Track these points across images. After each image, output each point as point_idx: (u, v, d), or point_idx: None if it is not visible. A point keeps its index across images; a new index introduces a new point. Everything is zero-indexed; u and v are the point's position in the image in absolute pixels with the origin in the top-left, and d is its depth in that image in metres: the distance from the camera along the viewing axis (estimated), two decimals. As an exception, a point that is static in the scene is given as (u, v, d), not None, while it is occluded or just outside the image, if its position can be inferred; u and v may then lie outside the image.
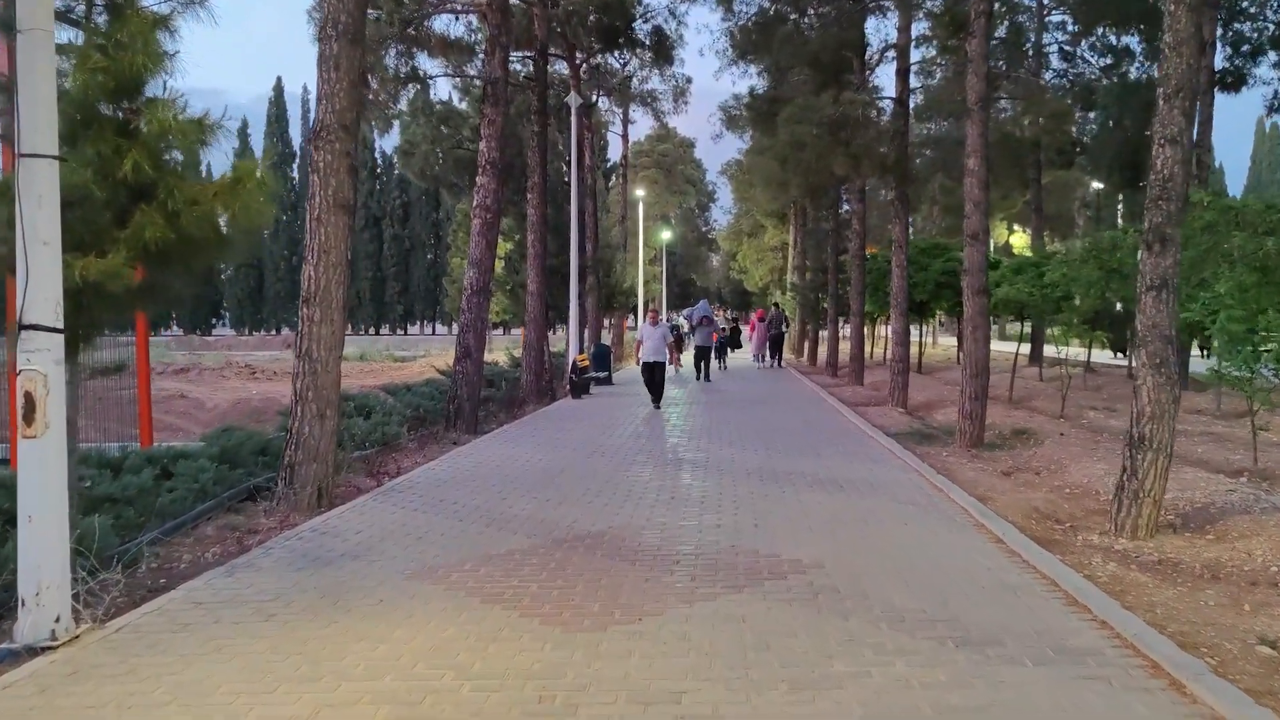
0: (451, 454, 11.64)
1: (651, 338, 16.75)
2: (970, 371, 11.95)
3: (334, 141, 8.71)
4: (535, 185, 20.06)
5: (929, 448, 11.71)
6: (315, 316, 8.78)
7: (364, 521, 7.66)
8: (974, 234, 11.86)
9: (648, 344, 16.68)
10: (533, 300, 20.11)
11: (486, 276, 14.86)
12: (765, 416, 15.12)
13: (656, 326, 17.13)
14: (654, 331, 16.90)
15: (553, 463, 10.53)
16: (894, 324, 17.10)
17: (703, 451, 11.17)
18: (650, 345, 16.64)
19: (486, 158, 14.73)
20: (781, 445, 11.60)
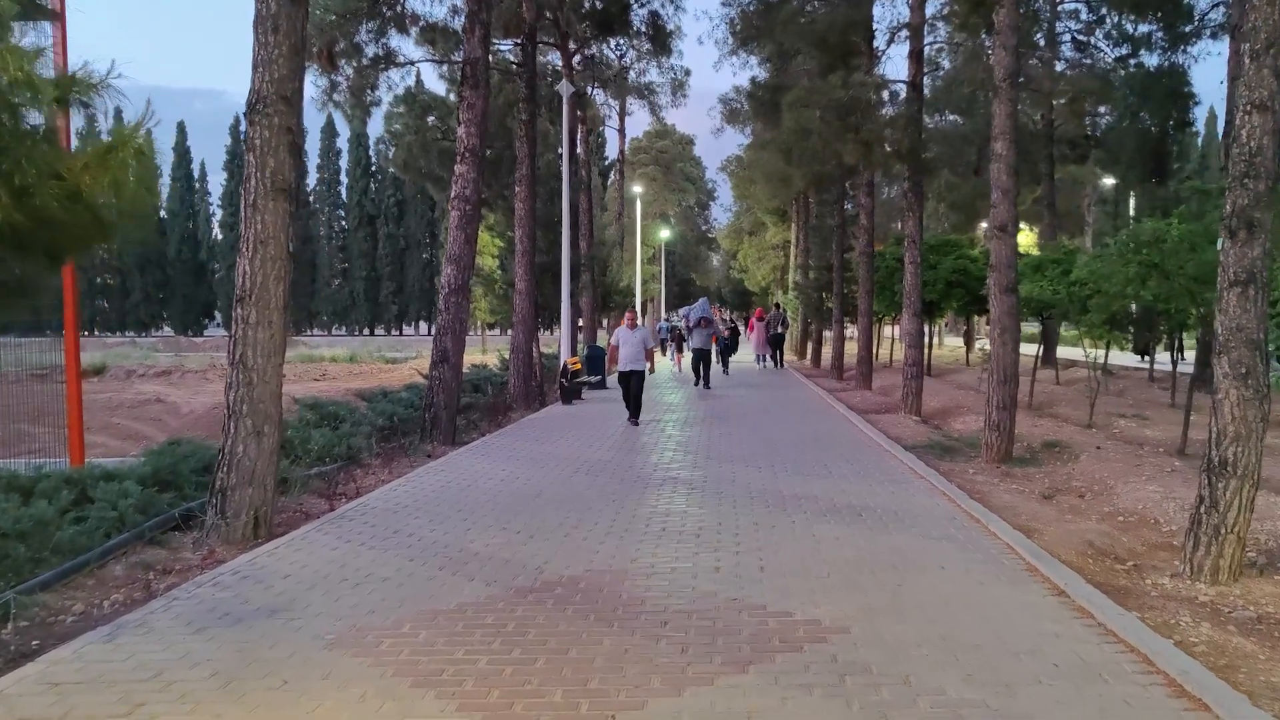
0: (421, 470, 10.46)
1: (628, 343, 14.42)
2: (997, 378, 10.76)
3: (272, 115, 7.52)
4: (523, 178, 18.87)
5: (952, 463, 10.52)
6: (251, 318, 7.60)
7: (299, 560, 6.47)
8: (1002, 225, 10.67)
9: (624, 350, 14.40)
10: (520, 299, 18.94)
11: (466, 274, 13.67)
12: (769, 426, 13.93)
13: (635, 330, 14.54)
14: (631, 336, 14.45)
15: (530, 482, 9.34)
16: (906, 325, 15.91)
17: (700, 469, 9.98)
18: (627, 352, 14.36)
19: (465, 144, 13.54)
20: (789, 461, 10.41)
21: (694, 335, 21.02)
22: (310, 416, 13.42)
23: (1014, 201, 10.73)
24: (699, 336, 20.87)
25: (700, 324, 20.71)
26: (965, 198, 30.10)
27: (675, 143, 58.86)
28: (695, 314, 21.12)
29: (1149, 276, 11.57)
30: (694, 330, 20.98)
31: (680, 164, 59.32)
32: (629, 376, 14.43)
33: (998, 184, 10.71)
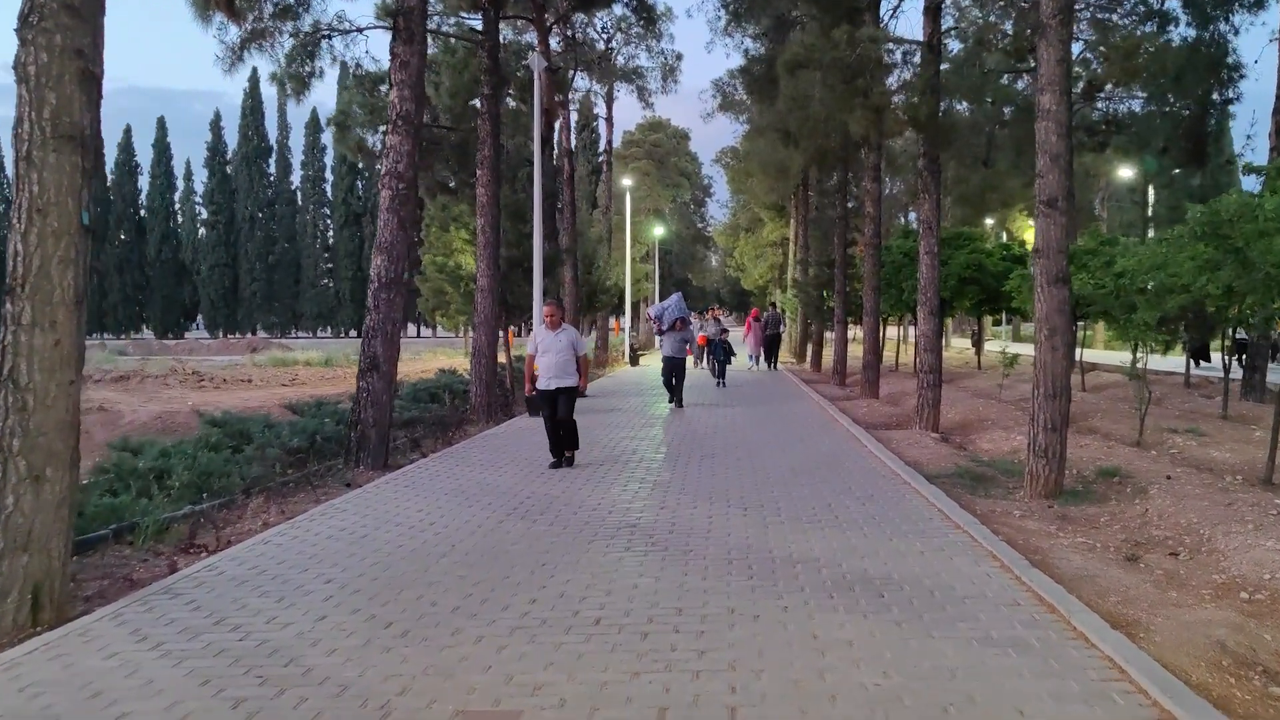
0: (324, 508, 8.29)
1: (549, 351, 10.10)
2: (1044, 391, 8.56)
3: (53, 31, 5.34)
4: (485, 159, 16.70)
5: (990, 500, 8.31)
6: (24, 316, 5.40)
7: (50, 676, 4.29)
8: (1051, 199, 8.48)
9: (543, 361, 10.11)
10: (482, 298, 16.76)
11: (399, 265, 11.48)
12: (761, 448, 11.73)
13: (559, 333, 10.16)
14: (555, 341, 10.11)
15: (448, 529, 7.15)
16: (922, 325, 13.73)
17: (667, 511, 7.77)
18: (548, 363, 10.08)
19: (398, 110, 11.35)
20: (783, 499, 8.21)
21: (665, 341, 16.92)
22: (213, 435, 11.27)
23: (1067, 169, 8.54)
24: (671, 342, 16.84)
25: (675, 326, 16.88)
26: (974, 190, 27.84)
27: (669, 136, 56.60)
28: (669, 314, 16.99)
29: (1223, 264, 9.39)
30: (665, 335, 16.89)
31: (674, 158, 57.04)
32: (552, 398, 10.06)
33: (1045, 148, 8.53)
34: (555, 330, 10.17)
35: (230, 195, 77.38)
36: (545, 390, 10.14)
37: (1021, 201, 35.53)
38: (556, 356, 10.10)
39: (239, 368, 39.36)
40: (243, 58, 13.34)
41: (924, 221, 13.52)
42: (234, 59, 13.23)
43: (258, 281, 76.09)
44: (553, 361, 10.09)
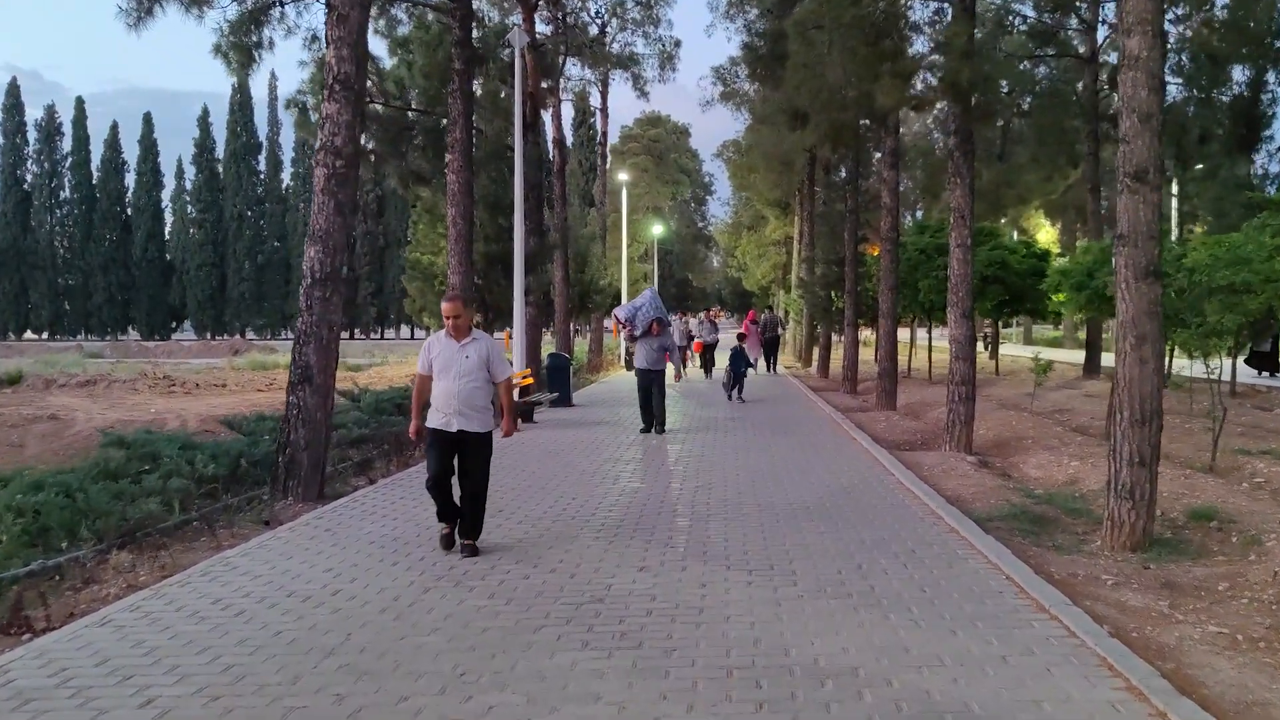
0: (214, 561, 6.52)
1: (455, 373, 6.47)
2: (1130, 415, 6.72)
3: None
4: (456, 142, 14.88)
5: (1067, 558, 6.46)
6: None
7: None
8: (1140, 171, 6.65)
9: (445, 385, 6.46)
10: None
11: (337, 257, 9.66)
12: (764, 473, 9.90)
13: (468, 344, 6.56)
14: (460, 357, 6.51)
15: (352, 604, 5.32)
16: (953, 328, 11.87)
17: (645, 574, 5.92)
18: (451, 389, 6.44)
19: (335, 73, 9.52)
20: (798, 558, 6.37)
21: (639, 347, 13.44)
22: (113, 461, 9.44)
23: (1159, 133, 6.70)
24: (646, 351, 13.33)
25: (651, 330, 13.23)
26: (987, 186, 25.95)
27: (669, 131, 54.74)
28: (643, 314, 13.30)
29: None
30: (640, 340, 13.36)
31: (674, 154, 55.17)
32: (452, 447, 6.49)
33: (1133, 106, 6.69)
34: (462, 340, 6.49)
35: (218, 193, 75.52)
36: (443, 432, 6.41)
37: (1039, 197, 33.69)
38: (462, 381, 6.35)
39: (215, 371, 37.51)
40: (152, 11, 11.51)
41: (955, 209, 11.67)
42: (142, 12, 11.40)
43: (246, 282, 74.17)
44: (455, 388, 6.34)
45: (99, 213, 74.90)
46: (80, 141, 75.97)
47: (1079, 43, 27.35)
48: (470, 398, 6.45)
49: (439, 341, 6.63)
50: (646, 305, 13.49)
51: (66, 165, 76.13)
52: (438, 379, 6.55)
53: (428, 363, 6.63)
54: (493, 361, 6.63)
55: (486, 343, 6.65)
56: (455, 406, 6.42)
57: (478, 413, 6.50)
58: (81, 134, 76.15)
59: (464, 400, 6.43)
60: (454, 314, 6.56)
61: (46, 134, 75.84)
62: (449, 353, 6.52)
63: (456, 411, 6.42)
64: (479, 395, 6.52)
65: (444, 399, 6.49)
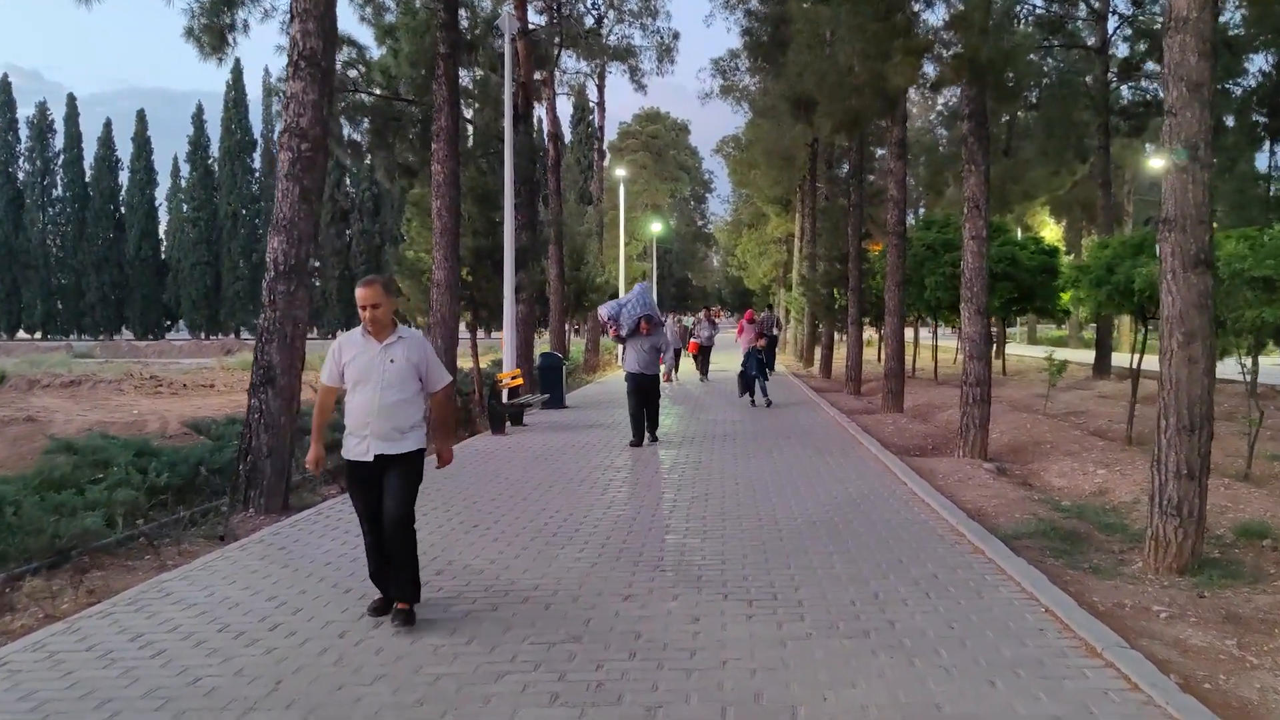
0: (147, 586, 5.84)
1: (377, 381, 4.93)
2: (1175, 422, 6.00)
3: None
4: (441, 130, 14.15)
5: (1110, 583, 5.71)
6: None
7: None
8: (1189, 147, 5.91)
9: (363, 398, 4.93)
10: (439, 294, 14.21)
11: (303, 248, 8.92)
12: (766, 481, 9.16)
13: (391, 345, 4.98)
14: (382, 362, 4.95)
15: (287, 644, 4.60)
16: (967, 326, 11.13)
17: (631, 602, 5.17)
18: (371, 403, 4.91)
19: (300, 49, 8.78)
20: (805, 583, 5.62)
21: (629, 350, 11.92)
22: (58, 469, 8.71)
23: (1210, 104, 5.95)
24: (637, 353, 11.84)
25: (640, 329, 11.77)
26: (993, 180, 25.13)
27: (668, 128, 53.95)
28: (630, 311, 11.82)
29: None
30: (629, 342, 11.89)
31: (673, 151, 54.38)
32: (374, 477, 4.97)
33: (1181, 74, 5.94)
34: (384, 339, 4.97)
35: (212, 191, 74.71)
36: (360, 462, 4.95)
37: (1045, 193, 32.93)
38: (385, 394, 4.90)
39: (205, 371, 36.75)
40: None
41: (969, 199, 10.93)
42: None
43: (241, 280, 73.33)
44: (376, 404, 4.88)
45: (92, 211, 74.08)
46: (72, 139, 75.17)
47: (1088, 34, 26.65)
48: (396, 415, 4.89)
49: (353, 342, 5.03)
50: (633, 301, 11.92)
51: (59, 163, 75.35)
52: (353, 391, 4.97)
53: (337, 370, 5.02)
54: (426, 366, 5.06)
55: (416, 342, 5.07)
56: (376, 427, 4.87)
57: (404, 434, 4.95)
58: (74, 131, 75.35)
59: (387, 418, 4.87)
60: (371, 301, 4.90)
61: (39, 132, 75.04)
62: (367, 356, 4.93)
63: (377, 434, 4.87)
64: (407, 412, 4.95)
65: (361, 418, 4.91)
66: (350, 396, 5.00)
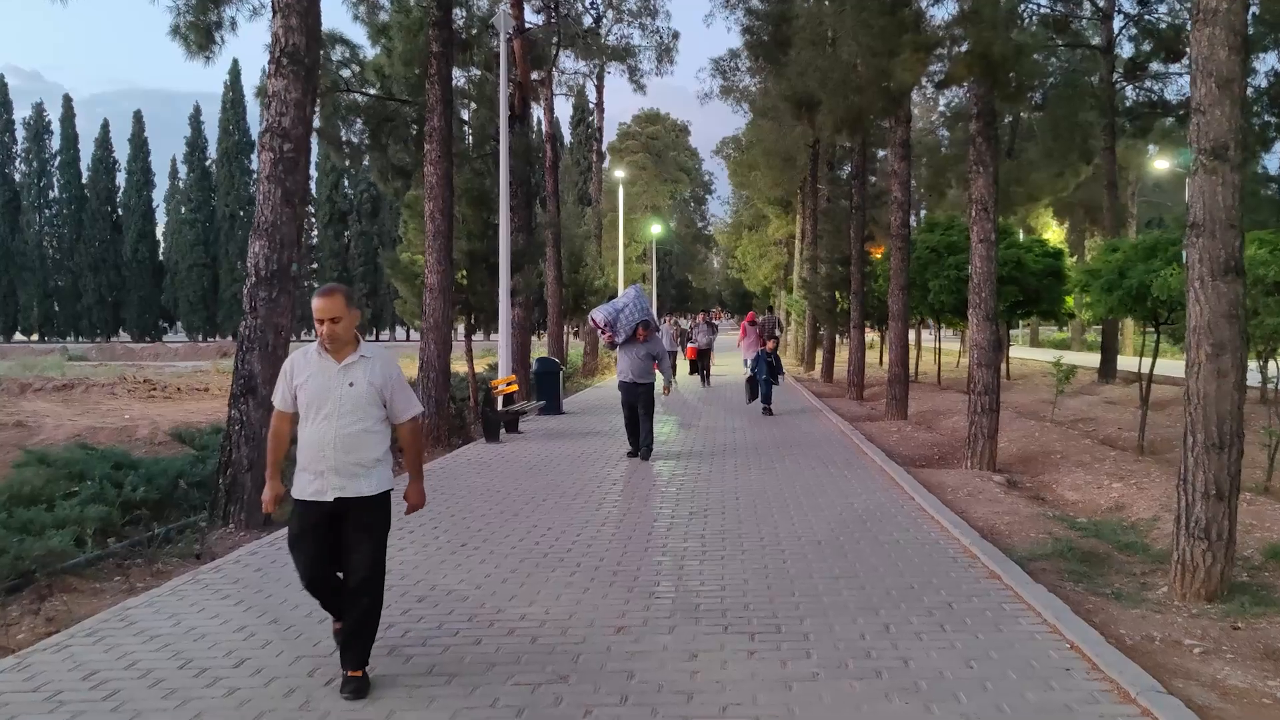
0: (107, 616, 5.49)
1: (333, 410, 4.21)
2: (1203, 439, 5.64)
3: None
4: (434, 131, 13.80)
5: (1135, 611, 5.35)
6: None
7: None
8: (1218, 146, 5.55)
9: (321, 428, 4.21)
10: (432, 298, 13.87)
11: (285, 252, 8.57)
12: (768, 496, 8.81)
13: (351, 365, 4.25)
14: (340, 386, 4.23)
15: (224, 704, 4.20)
16: (975, 332, 10.79)
17: (624, 636, 4.82)
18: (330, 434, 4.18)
19: (283, 45, 8.45)
20: (810, 615, 5.27)
21: (621, 356, 11.24)
22: (28, 482, 8.35)
23: (1240, 100, 5.61)
24: (632, 359, 11.08)
25: (637, 335, 11.02)
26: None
27: (667, 129, 53.62)
28: (627, 316, 11.05)
29: None
30: (623, 348, 11.16)
31: (673, 153, 54.04)
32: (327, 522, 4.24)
33: (1209, 69, 5.60)
34: (343, 358, 4.25)
35: (210, 192, 74.38)
36: (315, 506, 4.21)
37: (1049, 195, 32.59)
38: (343, 423, 4.19)
39: (200, 374, 36.39)
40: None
41: (977, 201, 10.59)
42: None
43: (238, 283, 72.89)
44: (333, 435, 4.17)
45: (89, 212, 73.75)
46: (69, 140, 74.88)
47: (1093, 34, 26.31)
48: (356, 448, 4.17)
49: (306, 362, 4.28)
50: (630, 305, 11.14)
51: (55, 164, 75.04)
52: (305, 420, 4.24)
53: (289, 393, 4.30)
54: (391, 391, 4.30)
55: (380, 363, 4.32)
56: (333, 462, 4.14)
57: (368, 470, 4.22)
58: (70, 132, 75.06)
59: (346, 451, 4.15)
60: (330, 314, 4.14)
61: (35, 133, 74.76)
62: (322, 378, 4.21)
63: (335, 469, 4.15)
64: (370, 444, 4.23)
65: (314, 451, 4.17)
66: (303, 425, 4.26)
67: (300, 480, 4.25)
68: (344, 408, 4.20)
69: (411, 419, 4.44)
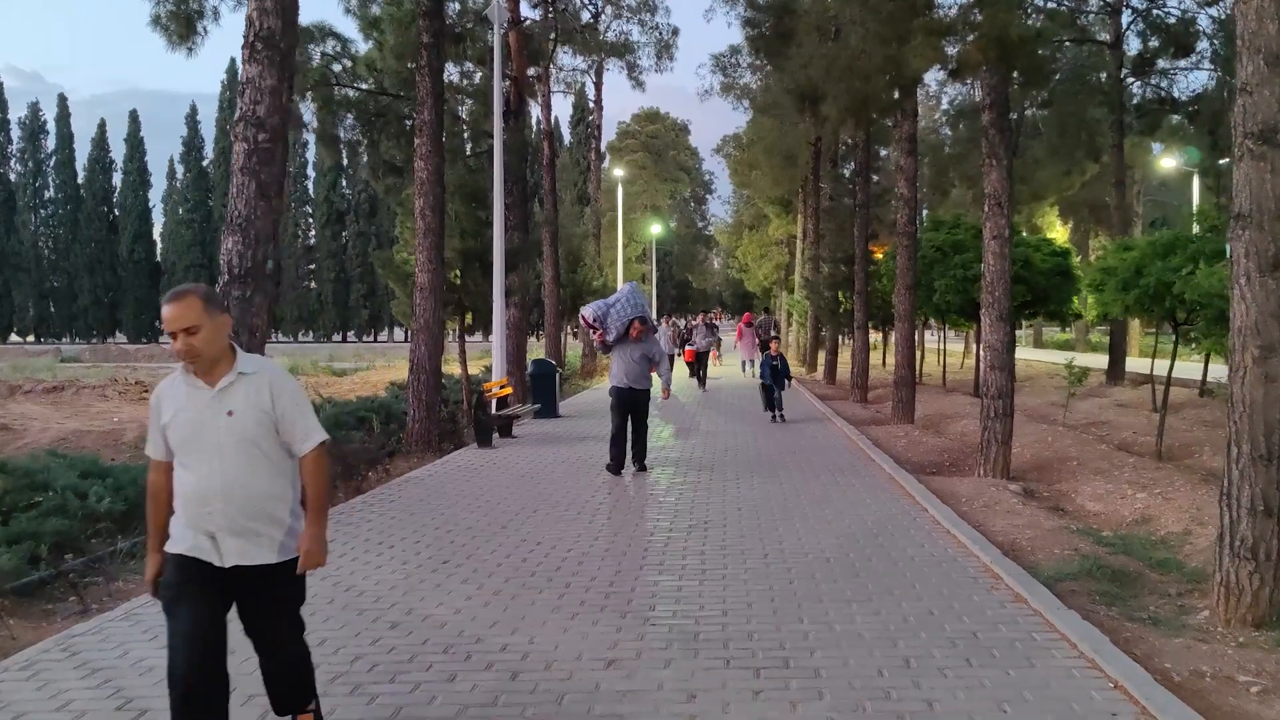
0: (54, 642, 5.10)
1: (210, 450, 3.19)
2: (1251, 448, 5.17)
3: None
4: (425, 125, 13.32)
5: (1179, 640, 4.86)
6: None
7: None
8: (1267, 129, 5.06)
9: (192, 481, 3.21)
10: (422, 297, 13.40)
11: (260, 248, 8.11)
12: (771, 507, 8.32)
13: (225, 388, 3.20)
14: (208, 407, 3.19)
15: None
16: (988, 333, 10.32)
17: (614, 672, 4.34)
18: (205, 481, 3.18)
19: (257, 29, 7.97)
20: (821, 647, 4.79)
21: (615, 358, 10.12)
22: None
23: (1292, 79, 5.13)
24: (625, 362, 10.03)
25: (630, 333, 9.96)
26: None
27: (668, 128, 53.15)
28: (619, 313, 9.99)
29: None
30: (616, 349, 10.07)
31: (673, 152, 53.57)
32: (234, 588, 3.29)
33: (1256, 44, 5.11)
34: (216, 380, 3.21)
35: (206, 192, 73.89)
36: (197, 567, 3.20)
37: (1055, 194, 32.12)
38: (227, 466, 3.19)
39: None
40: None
41: (990, 196, 10.11)
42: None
43: (237, 283, 72.36)
44: (218, 482, 3.18)
45: (84, 213, 73.22)
46: (64, 140, 74.37)
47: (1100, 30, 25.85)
48: (250, 498, 3.20)
49: (175, 391, 3.25)
50: (623, 301, 10.06)
51: (51, 164, 74.54)
52: (182, 467, 3.23)
53: (159, 436, 3.28)
54: (284, 414, 3.26)
55: (267, 379, 3.27)
56: (224, 520, 3.17)
57: (269, 526, 3.25)
58: (65, 132, 74.55)
59: (237, 504, 3.17)
60: (183, 324, 3.08)
61: (30, 132, 74.24)
62: (194, 409, 3.19)
63: (230, 529, 3.18)
64: (267, 489, 3.25)
65: (195, 504, 3.18)
66: (178, 474, 3.24)
67: (177, 537, 3.22)
68: (227, 446, 3.17)
69: (313, 450, 3.34)
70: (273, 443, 3.27)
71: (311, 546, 3.31)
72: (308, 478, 3.35)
